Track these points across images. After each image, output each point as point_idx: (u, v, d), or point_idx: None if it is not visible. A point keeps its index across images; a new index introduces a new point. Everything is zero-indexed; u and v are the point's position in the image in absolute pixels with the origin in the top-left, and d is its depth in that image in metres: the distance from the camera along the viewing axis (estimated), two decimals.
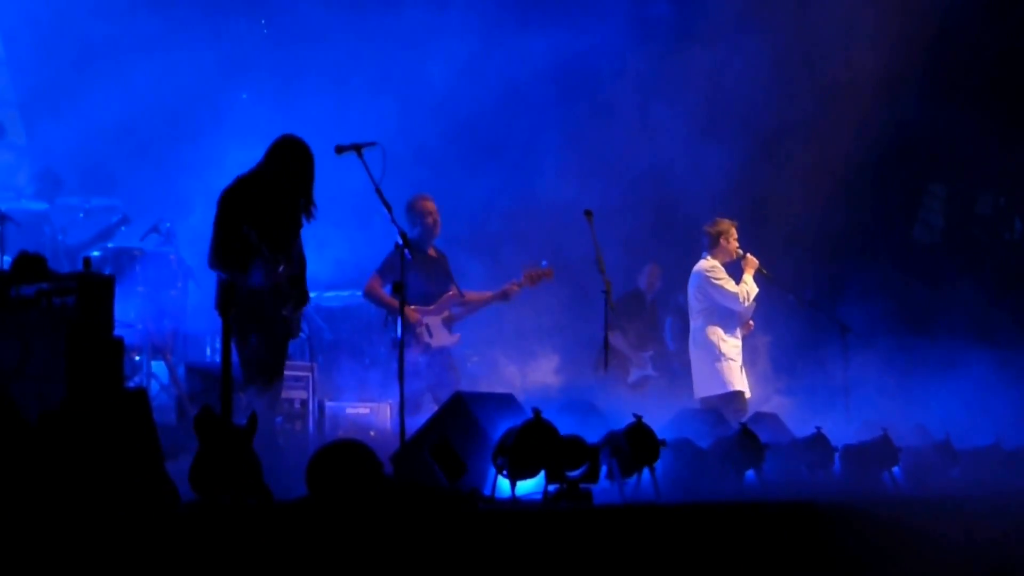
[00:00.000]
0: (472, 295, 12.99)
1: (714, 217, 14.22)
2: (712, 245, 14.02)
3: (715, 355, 13.83)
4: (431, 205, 12.77)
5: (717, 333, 13.86)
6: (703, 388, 13.87)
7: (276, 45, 17.52)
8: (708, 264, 13.97)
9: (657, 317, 16.22)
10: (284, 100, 16.45)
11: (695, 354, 14.06)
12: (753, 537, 8.66)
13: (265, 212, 9.89)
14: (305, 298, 10.43)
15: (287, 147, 10.11)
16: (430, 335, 12.59)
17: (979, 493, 11.31)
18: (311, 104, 15.80)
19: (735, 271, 14.01)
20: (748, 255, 13.99)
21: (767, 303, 14.46)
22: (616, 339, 15.24)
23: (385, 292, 12.35)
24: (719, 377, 13.75)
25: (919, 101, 18.29)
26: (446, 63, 16.82)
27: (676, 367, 16.05)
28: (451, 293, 12.77)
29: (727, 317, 13.90)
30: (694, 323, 14.08)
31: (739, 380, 13.78)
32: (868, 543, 9.11)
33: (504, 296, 13.10)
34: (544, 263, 13.30)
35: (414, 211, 12.75)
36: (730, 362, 13.78)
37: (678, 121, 16.71)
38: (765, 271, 14.03)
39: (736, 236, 14.05)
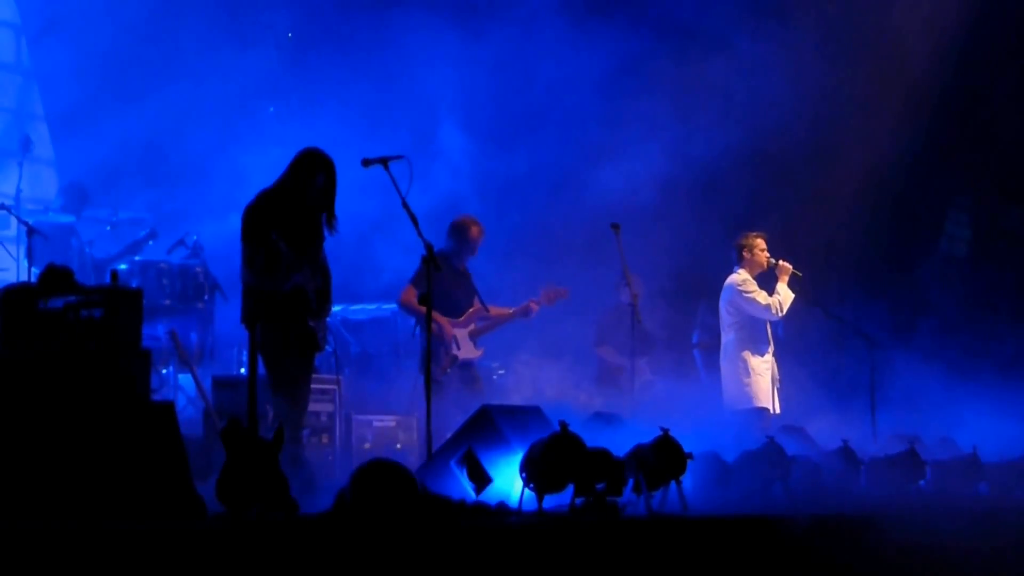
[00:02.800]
0: (495, 310, 13.07)
1: (742, 231, 14.23)
2: (740, 258, 14.03)
3: (744, 370, 13.81)
4: (478, 230, 12.87)
5: (747, 348, 13.85)
6: (731, 402, 13.86)
7: (303, 58, 17.55)
8: (739, 278, 13.96)
9: (645, 325, 16.16)
10: (311, 113, 16.47)
11: (725, 368, 14.04)
12: (780, 550, 8.63)
13: (290, 224, 9.90)
14: (328, 309, 10.44)
15: (310, 160, 10.12)
16: (458, 347, 12.65)
17: (1006, 506, 11.25)
18: (338, 117, 15.82)
19: (770, 280, 14.01)
20: (780, 262, 13.97)
21: (794, 316, 14.42)
22: (608, 353, 15.28)
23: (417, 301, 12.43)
24: (746, 392, 13.73)
25: (945, 113, 18.22)
26: (472, 74, 16.85)
27: (674, 367, 16.05)
28: (476, 307, 12.83)
29: (758, 331, 13.88)
30: (725, 337, 14.07)
31: (766, 397, 13.75)
32: (894, 556, 9.07)
33: (525, 312, 13.22)
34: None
35: (459, 230, 12.84)
36: (758, 377, 13.76)
37: (701, 135, 16.68)
38: (799, 273, 14.01)
39: (764, 247, 14.04)
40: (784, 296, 13.90)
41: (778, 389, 13.98)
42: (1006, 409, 13.75)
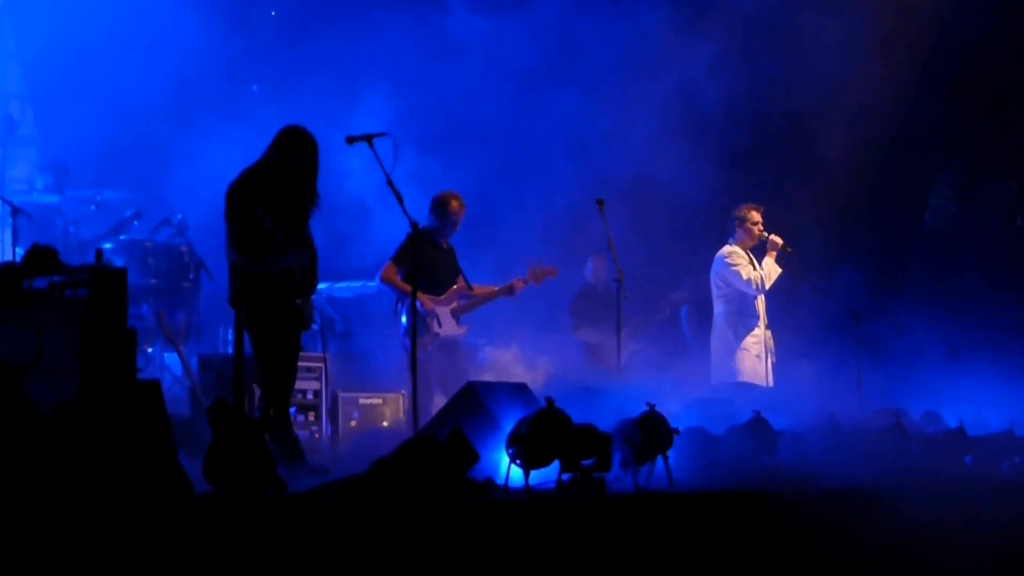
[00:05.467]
0: (479, 288, 13.05)
1: (738, 203, 14.26)
2: (732, 231, 14.07)
3: (731, 344, 13.87)
4: (458, 205, 12.83)
5: (735, 321, 13.89)
6: (718, 375, 13.90)
7: (286, 36, 17.51)
8: (728, 250, 14.02)
9: (613, 302, 16.11)
10: (295, 91, 16.45)
11: (713, 341, 14.10)
12: (766, 524, 8.66)
13: (274, 202, 9.88)
14: (314, 287, 10.42)
15: (292, 137, 10.09)
16: (439, 324, 12.65)
17: (992, 480, 11.30)
18: (322, 95, 15.78)
19: (762, 252, 14.06)
20: (772, 236, 14.00)
21: (782, 291, 14.46)
22: (587, 335, 15.26)
23: (399, 278, 12.43)
24: (732, 366, 13.78)
25: (928, 87, 18.24)
26: (453, 54, 16.82)
27: (651, 332, 16.06)
28: (459, 285, 12.80)
29: (746, 305, 13.92)
30: (715, 309, 14.14)
31: (752, 370, 13.78)
32: (880, 530, 9.11)
33: (510, 291, 13.18)
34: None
35: (440, 207, 12.80)
36: (744, 352, 13.80)
37: (683, 111, 16.67)
38: (788, 249, 14.03)
39: (756, 220, 14.05)
40: (768, 271, 13.93)
41: (773, 363, 14.00)
42: (992, 382, 13.81)
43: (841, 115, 17.40)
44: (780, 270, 14.03)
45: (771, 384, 13.89)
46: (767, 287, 13.96)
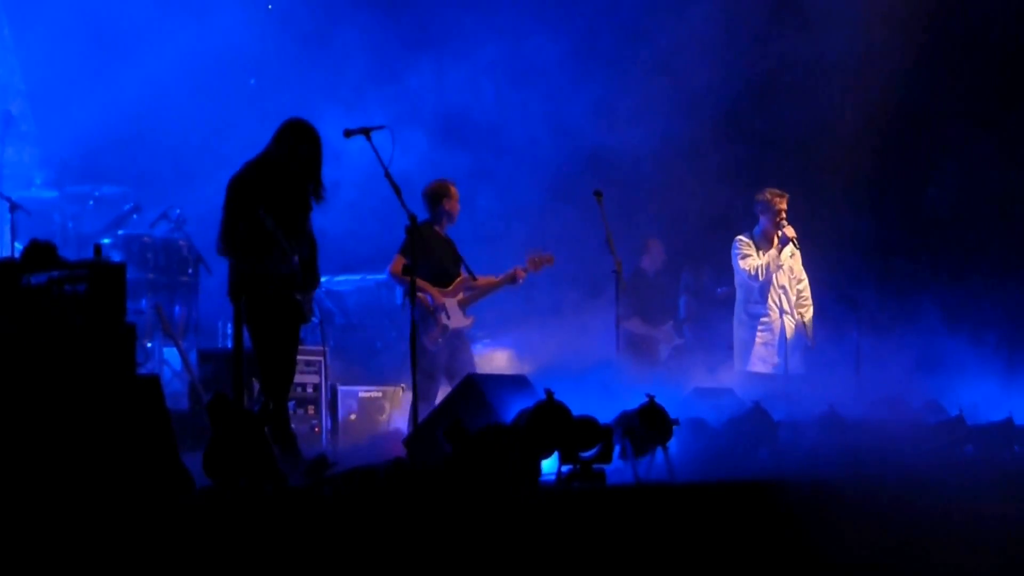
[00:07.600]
0: (482, 279, 12.99)
1: (765, 186, 14.24)
2: (757, 216, 14.07)
3: (741, 332, 13.93)
4: (452, 191, 12.75)
5: (744, 307, 13.94)
6: (737, 363, 13.94)
7: (282, 30, 17.49)
8: (740, 237, 14.00)
9: (665, 290, 16.10)
10: (292, 85, 16.44)
11: (734, 327, 14.13)
12: (766, 515, 8.66)
13: (276, 196, 9.86)
14: (316, 281, 10.40)
15: (294, 130, 10.07)
16: (448, 317, 12.58)
17: (991, 470, 11.29)
18: (319, 88, 15.78)
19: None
20: (786, 228, 13.95)
21: None
22: (634, 325, 15.22)
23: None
24: (745, 354, 13.80)
25: (927, 75, 18.20)
26: (445, 45, 16.84)
27: (697, 329, 16.10)
28: (464, 276, 12.75)
29: (751, 293, 13.91)
30: (737, 295, 14.16)
31: (759, 359, 13.79)
32: (882, 521, 9.11)
33: (512, 279, 13.08)
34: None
35: (433, 195, 12.72)
36: (756, 341, 13.81)
37: (687, 91, 16.66)
38: (797, 245, 14.01)
39: (775, 206, 13.95)
40: (769, 260, 13.89)
41: (806, 347, 14.01)
42: (993, 370, 13.81)
43: (841, 105, 17.38)
44: (781, 262, 14.01)
45: (789, 371, 13.85)
46: (761, 278, 13.93)
